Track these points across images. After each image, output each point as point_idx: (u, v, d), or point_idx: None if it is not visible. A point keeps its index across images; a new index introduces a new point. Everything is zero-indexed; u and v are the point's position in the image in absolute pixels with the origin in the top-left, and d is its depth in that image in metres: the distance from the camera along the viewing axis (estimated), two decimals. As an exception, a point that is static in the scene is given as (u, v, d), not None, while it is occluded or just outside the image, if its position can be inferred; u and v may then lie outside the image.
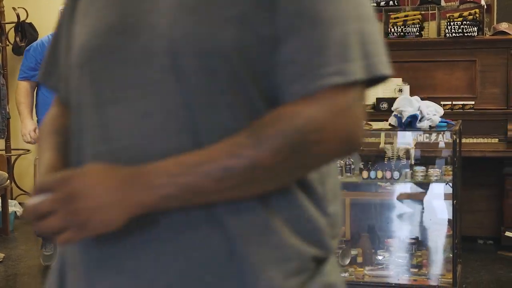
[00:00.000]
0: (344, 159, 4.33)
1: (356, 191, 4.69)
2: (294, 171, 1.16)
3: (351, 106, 1.15)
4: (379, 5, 5.86)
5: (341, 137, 1.14)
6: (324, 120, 1.13)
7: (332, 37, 1.14)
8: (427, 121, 4.16)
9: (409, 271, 4.29)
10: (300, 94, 1.13)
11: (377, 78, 1.21)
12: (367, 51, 1.17)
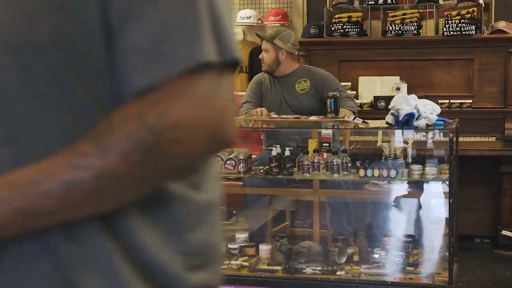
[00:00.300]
0: (341, 157, 4.33)
1: (352, 189, 4.68)
2: (152, 178, 1.00)
3: (211, 95, 1.00)
4: (377, 3, 5.86)
5: (203, 132, 1.00)
6: (180, 115, 0.97)
7: (177, 17, 0.98)
8: (424, 119, 4.14)
9: (405, 269, 4.28)
10: (146, 86, 0.97)
11: (230, 63, 1.04)
12: (218, 33, 1.01)
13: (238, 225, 4.96)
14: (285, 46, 5.02)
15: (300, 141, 4.83)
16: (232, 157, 4.51)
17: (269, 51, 5.06)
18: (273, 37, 5.07)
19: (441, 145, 4.38)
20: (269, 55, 5.06)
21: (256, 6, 6.61)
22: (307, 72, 5.10)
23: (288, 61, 5.07)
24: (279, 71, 5.06)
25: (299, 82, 5.03)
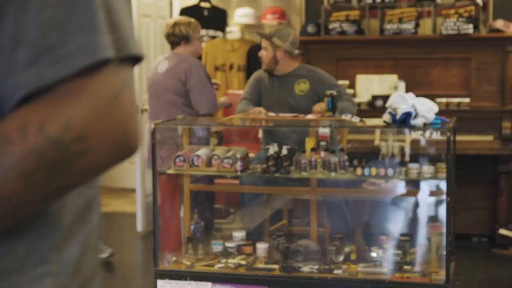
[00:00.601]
0: (338, 156, 4.33)
1: (350, 188, 4.68)
2: (53, 195, 0.89)
3: (115, 96, 0.87)
4: (375, 2, 5.86)
5: (111, 140, 0.88)
6: (85, 122, 0.85)
7: (70, 4, 0.85)
8: (422, 118, 4.14)
9: (402, 268, 4.29)
10: (37, 87, 0.83)
11: (130, 59, 0.93)
12: (115, 26, 0.89)
13: (236, 223, 4.96)
14: (283, 44, 4.98)
15: (297, 139, 4.82)
16: (230, 156, 4.50)
17: (267, 49, 5.03)
18: (271, 35, 5.03)
19: (438, 144, 4.38)
20: (267, 53, 5.02)
21: (254, 4, 6.61)
22: (308, 72, 5.04)
23: (287, 60, 5.01)
24: (278, 70, 5.02)
25: (298, 83, 4.99)
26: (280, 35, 5.01)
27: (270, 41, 4.99)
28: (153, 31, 6.37)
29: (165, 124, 4.78)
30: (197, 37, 5.34)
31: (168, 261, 4.52)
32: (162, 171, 4.55)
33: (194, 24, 5.33)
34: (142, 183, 6.17)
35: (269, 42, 5.00)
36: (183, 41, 5.33)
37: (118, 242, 6.05)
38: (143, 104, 6.14)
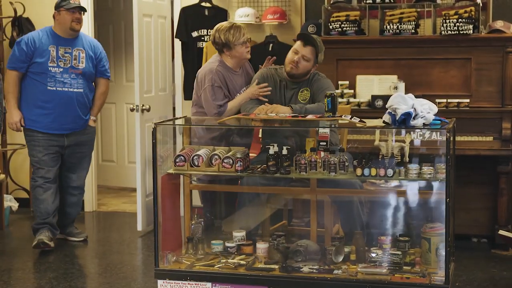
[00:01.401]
0: (338, 156, 4.34)
1: (349, 188, 4.69)
2: None
3: None
4: (375, 2, 5.86)
5: None
6: None
7: None
8: (421, 119, 4.15)
9: (402, 269, 4.30)
10: None
11: None
12: None
13: (235, 223, 4.96)
14: (320, 61, 4.99)
15: (297, 140, 4.83)
16: (230, 156, 4.52)
17: (311, 61, 4.92)
18: (321, 49, 4.95)
19: (438, 144, 4.38)
20: (308, 64, 4.92)
21: (254, 4, 6.61)
22: (312, 80, 5.01)
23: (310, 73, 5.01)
24: (297, 78, 4.97)
25: (302, 91, 4.97)
26: (322, 52, 4.97)
27: (317, 54, 4.93)
28: (154, 31, 6.37)
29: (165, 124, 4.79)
30: (240, 42, 5.10)
31: (168, 261, 4.54)
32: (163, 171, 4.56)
33: (234, 29, 5.13)
34: (143, 182, 6.18)
35: (315, 55, 4.93)
36: (225, 48, 5.14)
37: (118, 241, 6.06)
38: (143, 104, 6.15)
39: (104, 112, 8.21)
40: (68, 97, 5.68)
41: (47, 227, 5.73)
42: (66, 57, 5.69)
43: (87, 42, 5.84)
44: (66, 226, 6.04)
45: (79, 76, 5.73)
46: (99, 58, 5.87)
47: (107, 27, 8.16)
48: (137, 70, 6.11)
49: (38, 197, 5.73)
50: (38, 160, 5.71)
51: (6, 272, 5.19)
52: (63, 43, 5.72)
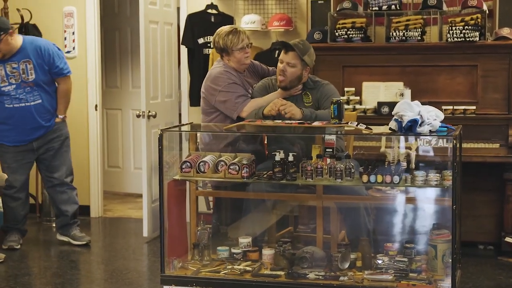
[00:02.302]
0: (344, 163, 4.34)
1: (355, 195, 4.68)
2: None
3: None
4: (381, 9, 5.87)
5: None
6: None
7: None
8: (428, 125, 4.15)
9: (408, 275, 4.29)
10: None
11: None
12: None
13: (241, 229, 4.96)
14: (311, 63, 4.89)
15: (303, 146, 4.83)
16: (236, 162, 4.52)
17: (296, 66, 4.83)
18: (303, 52, 4.83)
19: (444, 151, 4.38)
20: (295, 70, 4.83)
21: (260, 11, 6.63)
22: (313, 86, 4.96)
23: (306, 76, 4.92)
24: (294, 87, 4.90)
25: (306, 94, 4.94)
26: (310, 53, 4.87)
27: (302, 58, 4.83)
28: (160, 37, 6.39)
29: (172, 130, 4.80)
30: (238, 48, 5.05)
31: (174, 267, 4.54)
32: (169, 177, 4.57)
33: (233, 34, 5.08)
34: (149, 188, 6.19)
35: (300, 59, 4.83)
36: (224, 53, 5.13)
37: (124, 247, 6.07)
38: (149, 110, 6.16)
39: (110, 118, 8.23)
40: (27, 111, 5.84)
41: (16, 229, 6.01)
42: (14, 73, 5.79)
43: (32, 50, 5.84)
44: (68, 227, 6.11)
45: (33, 88, 5.85)
46: (50, 62, 5.88)
47: (113, 33, 8.18)
48: (143, 76, 6.13)
49: (9, 205, 5.97)
50: (7, 167, 5.90)
51: (12, 277, 5.20)
52: (8, 60, 5.78)
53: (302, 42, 4.93)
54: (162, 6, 6.46)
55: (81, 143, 7.11)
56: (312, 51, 4.92)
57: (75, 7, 7.05)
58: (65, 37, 7.08)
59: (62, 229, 6.15)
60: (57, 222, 6.23)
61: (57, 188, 6.07)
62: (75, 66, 7.07)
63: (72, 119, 7.10)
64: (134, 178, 8.08)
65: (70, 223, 6.12)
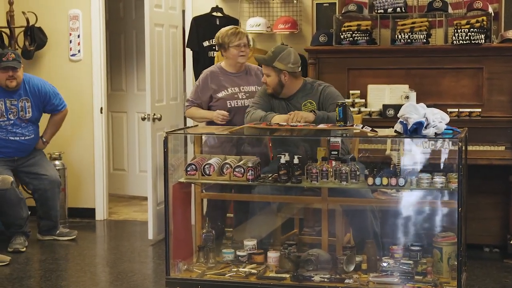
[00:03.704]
0: (349, 165, 4.34)
1: (361, 197, 4.68)
2: None
3: None
4: (387, 12, 5.87)
5: None
6: None
7: None
8: (433, 128, 4.15)
9: (413, 278, 4.29)
10: None
11: None
12: None
13: (247, 232, 4.96)
14: (285, 67, 4.86)
15: (309, 149, 4.83)
16: (241, 165, 4.52)
17: (270, 75, 4.90)
18: (272, 60, 4.88)
19: (450, 154, 4.37)
20: (271, 79, 4.91)
21: (265, 14, 6.63)
22: (312, 90, 4.94)
23: (292, 81, 4.91)
24: (284, 93, 4.93)
25: (305, 105, 4.89)
26: (281, 58, 4.86)
27: (272, 66, 4.87)
28: (165, 40, 6.40)
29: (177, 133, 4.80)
30: (234, 44, 5.32)
31: (180, 269, 4.54)
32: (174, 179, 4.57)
33: (232, 32, 5.36)
34: (154, 191, 6.19)
35: (271, 67, 4.88)
36: (221, 49, 5.43)
37: (129, 250, 6.07)
38: (154, 113, 6.16)
39: (115, 121, 8.24)
40: (22, 144, 6.12)
41: (21, 233, 6.07)
42: (13, 109, 6.04)
43: (31, 89, 6.13)
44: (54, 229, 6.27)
45: (28, 124, 6.13)
46: (46, 101, 6.20)
47: (118, 36, 8.19)
48: (149, 79, 6.13)
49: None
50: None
51: (18, 280, 5.20)
52: (9, 96, 6.03)
53: (273, 50, 4.99)
54: (167, 9, 6.47)
55: (87, 146, 7.12)
56: (286, 55, 4.88)
57: (81, 10, 7.06)
58: (70, 40, 7.10)
59: (47, 231, 6.30)
60: (42, 226, 6.29)
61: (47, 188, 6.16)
62: (80, 69, 7.09)
63: (77, 122, 7.12)
64: (139, 180, 8.08)
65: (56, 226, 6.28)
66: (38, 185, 6.16)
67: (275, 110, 4.95)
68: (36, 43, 6.96)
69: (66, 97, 7.11)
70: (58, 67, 7.15)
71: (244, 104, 5.30)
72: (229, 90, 5.35)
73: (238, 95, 5.34)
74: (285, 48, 4.98)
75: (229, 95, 5.33)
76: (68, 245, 6.13)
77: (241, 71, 5.44)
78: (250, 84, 5.40)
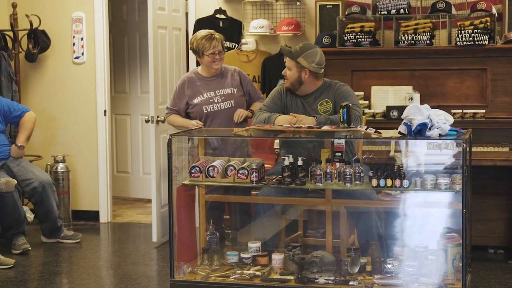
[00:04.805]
0: (353, 167, 4.33)
1: (365, 199, 4.67)
2: None
3: None
4: (390, 13, 5.86)
5: None
6: None
7: None
8: (437, 129, 4.15)
9: (418, 279, 4.28)
10: None
11: None
12: None
13: (251, 234, 4.96)
14: (309, 65, 4.81)
15: (313, 150, 4.82)
16: (245, 167, 4.52)
17: (292, 69, 4.85)
18: (297, 54, 4.83)
19: (454, 155, 4.37)
20: (291, 73, 4.86)
21: (269, 15, 6.63)
22: (329, 89, 4.91)
23: (312, 80, 4.86)
24: (301, 90, 4.88)
25: (321, 104, 4.87)
26: (306, 55, 4.82)
27: (295, 61, 4.83)
28: (169, 43, 6.40)
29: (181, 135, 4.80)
30: (208, 53, 5.28)
31: (184, 271, 4.54)
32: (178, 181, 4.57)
33: (206, 39, 5.29)
34: (158, 193, 6.19)
35: (294, 62, 4.83)
36: (196, 55, 5.42)
37: (133, 252, 6.07)
38: (158, 115, 6.16)
39: (119, 124, 8.25)
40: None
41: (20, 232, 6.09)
42: None
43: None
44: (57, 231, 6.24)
45: None
46: (5, 113, 6.20)
47: (122, 39, 8.20)
48: (152, 81, 6.13)
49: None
50: None
51: (23, 283, 5.20)
52: None
53: (301, 45, 4.94)
54: (170, 11, 6.47)
55: (90, 149, 7.13)
56: (312, 53, 4.85)
57: (84, 13, 7.07)
58: (74, 43, 7.10)
59: (51, 233, 6.27)
60: (44, 229, 6.27)
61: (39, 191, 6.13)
62: (84, 72, 7.10)
63: (81, 125, 7.13)
64: (143, 183, 8.08)
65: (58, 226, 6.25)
66: (30, 191, 6.13)
67: (288, 108, 4.92)
68: (40, 46, 6.97)
69: (70, 99, 7.14)
70: (62, 70, 7.16)
71: (220, 108, 5.31)
72: (204, 95, 5.35)
73: (213, 99, 5.34)
74: (314, 47, 4.94)
75: (204, 100, 5.33)
76: (72, 247, 6.14)
77: (217, 74, 5.43)
78: (225, 86, 5.39)
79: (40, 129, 7.13)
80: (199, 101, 5.33)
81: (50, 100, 7.20)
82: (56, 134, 7.20)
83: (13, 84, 6.63)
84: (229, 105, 5.32)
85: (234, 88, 5.37)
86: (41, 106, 7.18)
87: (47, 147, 7.18)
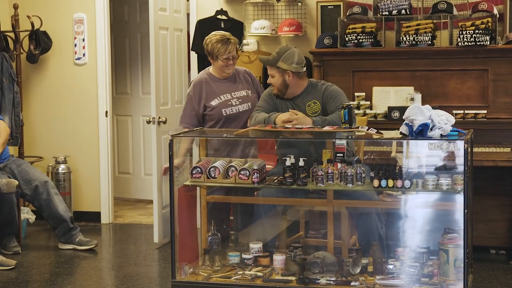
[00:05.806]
0: (355, 167, 4.33)
1: (367, 200, 4.67)
2: None
3: None
4: (391, 14, 5.86)
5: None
6: None
7: None
8: (439, 130, 4.15)
9: (420, 280, 4.28)
10: None
11: None
12: None
13: (252, 235, 4.96)
14: (290, 67, 4.84)
15: (314, 151, 4.82)
16: (246, 167, 4.52)
17: (274, 75, 4.90)
18: (275, 60, 4.88)
19: (455, 155, 4.36)
20: (275, 80, 4.90)
21: (270, 16, 6.63)
22: (316, 90, 4.93)
23: (296, 81, 4.90)
24: (288, 94, 4.92)
25: (308, 105, 4.89)
26: (284, 58, 4.85)
27: (276, 67, 4.87)
28: (170, 43, 6.40)
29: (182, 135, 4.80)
30: (222, 58, 5.23)
31: (185, 272, 4.54)
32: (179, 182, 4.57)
33: (222, 43, 5.23)
34: (159, 194, 6.19)
35: (275, 68, 4.88)
36: (209, 57, 5.34)
37: (135, 253, 6.07)
38: (159, 116, 6.17)
39: (120, 125, 8.25)
40: None
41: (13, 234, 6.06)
42: None
43: None
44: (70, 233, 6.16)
45: None
46: None
47: (123, 40, 8.20)
48: (154, 82, 6.14)
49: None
50: None
51: (24, 284, 5.21)
52: None
53: (277, 50, 4.97)
54: (172, 12, 6.47)
55: (92, 150, 7.13)
56: (290, 55, 4.87)
57: (85, 14, 7.07)
58: (75, 44, 7.11)
59: (64, 237, 6.16)
60: (58, 232, 6.17)
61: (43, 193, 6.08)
62: (85, 73, 7.10)
63: (82, 126, 7.13)
64: (144, 184, 8.09)
65: (71, 228, 6.15)
66: (32, 193, 6.05)
67: (280, 111, 4.94)
68: (41, 47, 6.97)
69: (71, 100, 7.14)
70: (63, 71, 7.16)
71: (238, 110, 5.29)
72: (222, 98, 5.30)
73: (231, 101, 5.30)
74: (289, 49, 4.96)
75: (222, 103, 5.29)
76: (74, 248, 6.12)
77: (230, 76, 5.39)
78: (240, 89, 5.37)
79: (41, 130, 7.14)
80: (217, 104, 5.29)
81: (51, 101, 7.20)
82: (57, 135, 7.21)
83: (14, 85, 6.63)
84: (246, 107, 5.30)
85: (248, 90, 5.36)
86: (42, 107, 7.19)
87: (48, 148, 7.18)
